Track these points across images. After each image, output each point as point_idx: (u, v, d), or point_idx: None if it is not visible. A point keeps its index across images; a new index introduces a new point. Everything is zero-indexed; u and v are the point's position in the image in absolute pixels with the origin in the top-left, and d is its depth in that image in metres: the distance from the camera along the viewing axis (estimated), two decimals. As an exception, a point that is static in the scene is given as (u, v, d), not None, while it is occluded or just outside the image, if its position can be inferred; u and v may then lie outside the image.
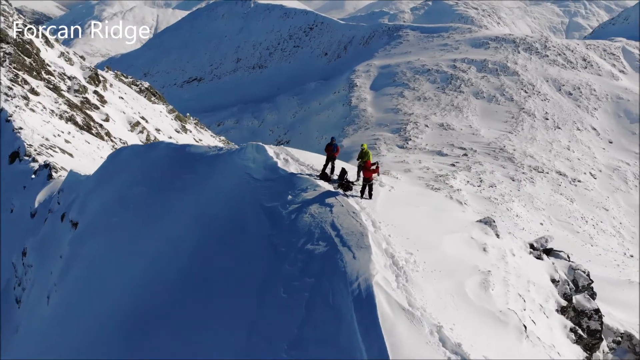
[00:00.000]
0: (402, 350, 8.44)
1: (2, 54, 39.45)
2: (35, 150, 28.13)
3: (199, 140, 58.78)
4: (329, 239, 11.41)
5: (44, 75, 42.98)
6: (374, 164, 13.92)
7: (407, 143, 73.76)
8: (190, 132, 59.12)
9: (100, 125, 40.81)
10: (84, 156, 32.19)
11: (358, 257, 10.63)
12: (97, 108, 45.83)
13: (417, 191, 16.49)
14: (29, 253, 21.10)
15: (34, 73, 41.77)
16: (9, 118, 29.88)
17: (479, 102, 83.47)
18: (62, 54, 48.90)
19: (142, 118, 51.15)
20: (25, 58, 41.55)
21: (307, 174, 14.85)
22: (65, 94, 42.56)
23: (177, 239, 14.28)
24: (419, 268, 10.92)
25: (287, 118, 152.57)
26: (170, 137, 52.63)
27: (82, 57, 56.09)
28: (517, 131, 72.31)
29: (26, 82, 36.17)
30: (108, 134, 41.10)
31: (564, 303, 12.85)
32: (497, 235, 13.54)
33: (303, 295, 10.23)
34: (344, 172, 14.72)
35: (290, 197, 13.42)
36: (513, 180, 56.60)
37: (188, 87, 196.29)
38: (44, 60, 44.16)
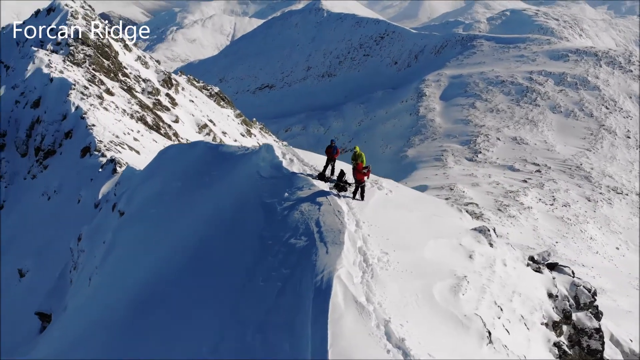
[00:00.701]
0: (344, 339, 8.83)
1: (82, 55, 42.13)
2: (104, 146, 29.61)
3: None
4: (311, 235, 12.19)
5: (121, 77, 45.39)
6: (365, 167, 14.32)
7: (477, 156, 71.22)
8: (255, 136, 60.24)
9: (169, 126, 42.40)
10: (150, 154, 33.41)
11: (330, 252, 11.28)
12: (168, 110, 47.72)
13: (416, 196, 16.52)
14: (83, 239, 22.62)
15: (112, 75, 44.21)
16: (83, 115, 31.70)
17: (555, 116, 79.14)
18: (139, 57, 51.53)
19: (210, 121, 52.71)
20: (104, 60, 44.12)
21: (308, 174, 15.67)
22: (139, 95, 44.67)
23: (192, 231, 15.64)
24: (389, 267, 11.28)
25: (352, 126, 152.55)
26: (236, 140, 53.86)
27: (157, 61, 58.81)
28: (596, 149, 67.81)
29: (102, 83, 38.31)
30: (176, 134, 42.59)
31: (556, 317, 12.55)
32: (491, 245, 13.41)
33: (277, 284, 11.01)
34: (342, 173, 15.14)
35: (286, 194, 14.41)
36: (589, 201, 53.12)
37: (260, 93, 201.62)
38: (121, 63, 46.70)
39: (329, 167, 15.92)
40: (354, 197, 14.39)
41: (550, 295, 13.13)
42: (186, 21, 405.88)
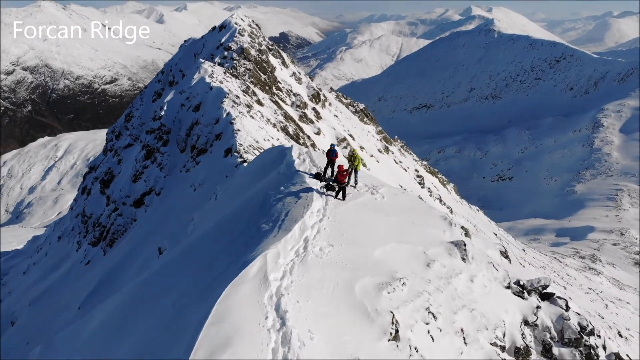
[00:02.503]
0: (231, 300, 9.87)
1: (244, 69, 47.30)
2: (244, 149, 32.98)
3: (399, 162, 59.93)
4: (276, 222, 13.75)
5: (274, 90, 49.81)
6: (345, 170, 15.34)
7: (659, 201, 62.08)
8: (392, 153, 60.69)
9: (308, 137, 45.20)
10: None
11: (277, 236, 12.60)
12: (312, 122, 50.86)
13: (405, 205, 16.48)
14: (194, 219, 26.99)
15: (266, 87, 48.78)
16: (232, 121, 35.71)
17: None
18: (293, 73, 55.95)
19: (350, 135, 54.74)
20: (261, 74, 48.91)
21: (310, 173, 17.31)
22: (287, 107, 48.52)
23: (227, 214, 18.82)
24: (324, 257, 11.98)
25: (513, 153, 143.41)
26: (372, 156, 55.01)
27: (311, 77, 62.97)
28: None
29: (254, 94, 42.57)
30: (314, 145, 45.22)
31: (519, 344, 12.16)
32: (463, 259, 13.21)
33: (232, 258, 12.60)
34: (332, 173, 16.59)
35: (282, 188, 16.22)
36: None
37: (416, 112, 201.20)
38: (276, 78, 51.25)
39: (329, 168, 17.23)
40: (335, 197, 15.49)
41: (526, 322, 12.61)
42: (355, 41, 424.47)
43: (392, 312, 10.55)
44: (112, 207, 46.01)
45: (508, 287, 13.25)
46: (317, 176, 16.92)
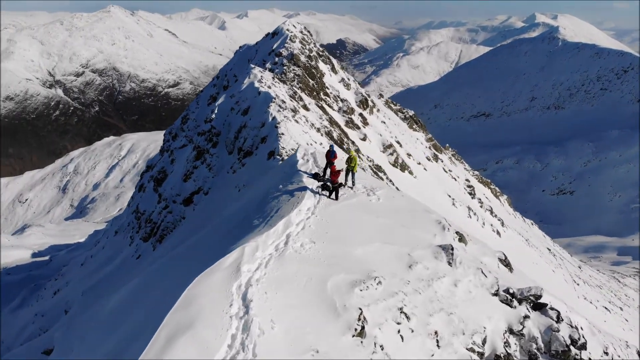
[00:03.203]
0: (202, 287, 10.47)
1: (293, 74, 48.16)
2: (286, 152, 33.62)
3: (449, 170, 58.80)
4: (266, 217, 14.32)
5: (322, 96, 50.34)
6: (338, 170, 15.76)
7: None
8: (442, 161, 59.62)
9: (353, 142, 45.32)
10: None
11: (260, 231, 13.11)
12: (358, 128, 50.95)
13: (400, 207, 16.28)
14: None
15: (314, 93, 49.39)
16: (276, 125, 36.46)
17: None
18: (342, 79, 56.31)
19: (397, 142, 54.33)
20: (310, 80, 49.58)
21: (309, 173, 17.96)
22: (333, 112, 48.89)
23: (238, 206, 20.82)
24: (303, 252, 12.31)
25: (575, 166, 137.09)
26: (419, 163, 54.34)
27: (361, 85, 63.09)
28: None
29: (301, 99, 43.22)
30: (358, 150, 45.30)
31: (500, 352, 11.91)
32: (449, 263, 13.05)
33: (220, 251, 13.10)
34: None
35: (281, 186, 16.95)
36: None
37: (474, 121, 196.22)
38: (324, 83, 51.78)
39: (328, 169, 17.63)
40: (328, 196, 15.81)
41: (512, 331, 12.37)
42: (413, 48, 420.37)
43: (360, 309, 10.60)
44: (163, 204, 48.03)
45: (495, 294, 12.99)
46: (315, 176, 17.42)
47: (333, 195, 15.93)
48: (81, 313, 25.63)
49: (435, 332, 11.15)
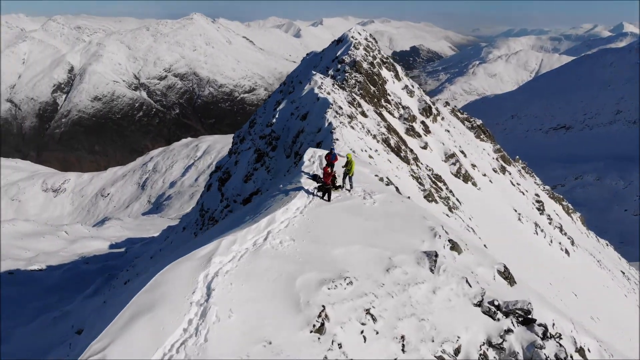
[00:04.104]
0: (169, 275, 11.14)
1: (354, 81, 48.44)
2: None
3: (517, 184, 56.41)
4: (256, 214, 14.95)
5: (382, 103, 50.18)
6: (331, 172, 16.20)
7: None
8: (509, 174, 57.27)
9: (411, 150, 44.77)
10: (379, 172, 36.54)
11: (242, 228, 13.65)
12: (419, 136, 50.25)
13: (394, 212, 16.02)
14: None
15: (375, 100, 49.36)
16: (332, 130, 36.88)
17: None
18: (405, 86, 55.77)
19: (462, 152, 52.95)
20: (371, 87, 49.59)
21: (310, 174, 18.63)
22: (393, 120, 48.55)
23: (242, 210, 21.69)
24: (280, 249, 12.67)
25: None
26: (484, 175, 52.66)
27: (427, 93, 62.14)
28: None
29: (359, 105, 43.37)
30: (416, 159, 44.67)
31: None
32: (431, 270, 12.81)
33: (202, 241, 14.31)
34: (334, 177, 17.14)
35: (281, 185, 17.81)
36: None
37: (553, 134, 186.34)
38: (386, 90, 51.56)
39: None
40: (322, 197, 16.15)
41: (490, 344, 11.96)
42: (490, 56, 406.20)
43: (323, 306, 10.66)
44: (225, 203, 50.00)
45: (478, 305, 12.54)
46: (314, 177, 17.83)
47: (326, 197, 16.17)
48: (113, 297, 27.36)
49: (402, 337, 11.01)
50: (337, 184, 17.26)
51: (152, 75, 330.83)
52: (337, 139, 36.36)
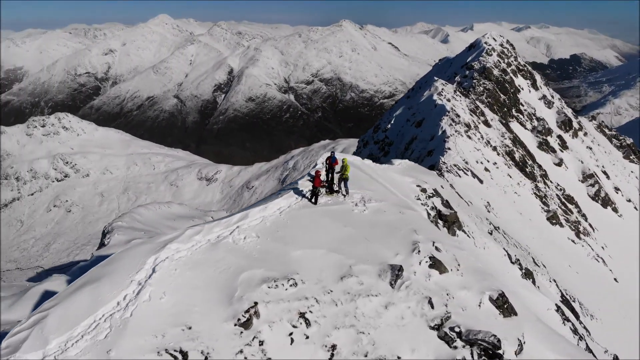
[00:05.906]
0: (125, 254, 12.10)
1: (482, 88, 45.47)
2: (446, 167, 32.01)
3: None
4: (248, 209, 15.25)
5: (513, 113, 46.36)
6: (327, 176, 16.70)
7: None
8: (664, 202, 48.89)
9: (540, 166, 40.68)
10: (494, 186, 33.67)
11: (216, 219, 14.28)
12: (554, 151, 45.55)
13: (381, 222, 15.18)
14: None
15: (504, 109, 45.83)
16: (445, 139, 35.04)
17: None
18: (543, 96, 50.72)
19: (604, 172, 46.81)
20: (501, 95, 46.05)
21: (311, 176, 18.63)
22: (524, 131, 44.55)
23: None
24: (240, 243, 12.91)
25: None
26: (629, 201, 45.96)
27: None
28: None
29: (483, 114, 40.52)
30: (544, 176, 40.49)
31: None
32: (391, 284, 12.18)
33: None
34: (332, 180, 17.22)
35: (283, 185, 17.09)
36: None
37: None
38: (518, 99, 47.44)
39: (329, 174, 17.62)
40: (310, 200, 16.09)
41: None
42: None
43: (255, 303, 10.71)
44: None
45: (436, 329, 11.60)
46: (311, 179, 17.64)
47: (313, 199, 16.13)
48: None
49: (333, 346, 10.63)
50: (335, 189, 17.12)
51: (301, 79, 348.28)
52: (449, 149, 34.53)
